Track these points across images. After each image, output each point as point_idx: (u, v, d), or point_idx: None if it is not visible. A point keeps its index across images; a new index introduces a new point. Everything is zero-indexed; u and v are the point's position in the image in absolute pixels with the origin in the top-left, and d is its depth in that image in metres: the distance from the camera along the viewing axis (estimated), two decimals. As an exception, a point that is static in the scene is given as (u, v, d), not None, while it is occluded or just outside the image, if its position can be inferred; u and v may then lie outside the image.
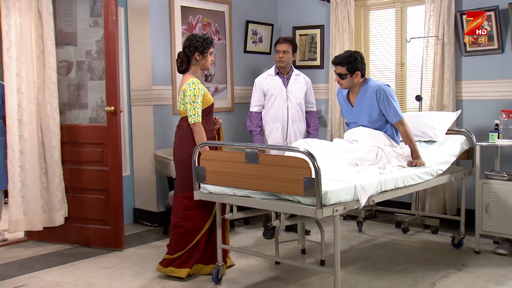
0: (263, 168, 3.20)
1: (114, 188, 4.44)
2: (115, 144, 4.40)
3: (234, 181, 3.35)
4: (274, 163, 3.17)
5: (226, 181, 3.40)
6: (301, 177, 3.00)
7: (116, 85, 4.36)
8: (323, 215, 2.96)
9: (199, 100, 3.73)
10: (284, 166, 3.10)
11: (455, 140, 4.44)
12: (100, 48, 4.52)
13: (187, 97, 3.72)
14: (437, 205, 5.09)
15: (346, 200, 3.15)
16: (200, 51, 3.83)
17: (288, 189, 3.09)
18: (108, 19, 4.29)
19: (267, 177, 3.17)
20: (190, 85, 3.74)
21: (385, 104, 4.02)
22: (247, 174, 3.28)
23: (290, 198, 3.12)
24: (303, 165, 3.00)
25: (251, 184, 3.27)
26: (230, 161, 3.39)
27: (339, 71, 4.05)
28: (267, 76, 4.94)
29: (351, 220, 5.36)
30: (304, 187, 2.99)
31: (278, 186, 3.13)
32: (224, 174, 3.40)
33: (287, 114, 4.88)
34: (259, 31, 6.07)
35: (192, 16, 5.38)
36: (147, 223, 5.30)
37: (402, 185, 3.62)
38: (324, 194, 2.98)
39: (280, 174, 3.11)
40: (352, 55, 4.03)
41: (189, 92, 3.72)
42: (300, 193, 3.02)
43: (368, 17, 5.71)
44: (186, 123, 3.81)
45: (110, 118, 4.40)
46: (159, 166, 5.02)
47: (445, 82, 4.94)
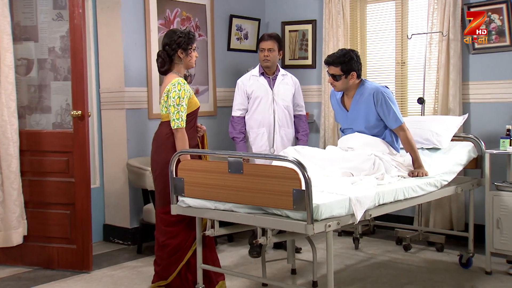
0: (248, 179, 3.18)
1: (81, 202, 4.40)
2: (82, 153, 4.37)
3: (216, 194, 3.33)
4: (259, 173, 3.15)
5: (207, 193, 3.38)
6: (290, 189, 2.98)
7: (84, 86, 4.33)
8: (314, 231, 2.95)
9: (184, 103, 3.71)
10: (271, 177, 3.08)
11: (462, 147, 4.44)
12: (65, 44, 4.49)
13: (171, 99, 3.70)
14: (442, 219, 5.10)
15: (340, 215, 3.14)
16: (183, 47, 3.82)
17: (275, 203, 3.07)
18: (74, 12, 4.26)
19: (252, 189, 3.16)
20: (175, 85, 3.71)
21: (384, 108, 4.03)
22: (230, 185, 3.26)
23: (278, 212, 3.10)
24: (292, 176, 2.98)
25: (234, 197, 3.25)
26: (211, 171, 3.37)
27: (332, 72, 4.05)
28: (251, 76, 4.94)
29: (347, 236, 5.35)
30: (293, 200, 2.97)
31: (265, 199, 3.11)
32: (205, 186, 3.38)
33: (274, 118, 4.88)
34: (244, 26, 6.08)
35: (169, 10, 5.37)
36: (119, 241, 5.26)
37: (402, 197, 3.62)
38: (315, 207, 2.97)
39: (267, 186, 3.09)
40: (347, 53, 4.03)
41: (173, 93, 3.69)
42: (288, 207, 3.00)
43: (365, 11, 5.73)
44: (166, 129, 3.78)
45: (77, 123, 4.36)
46: (133, 177, 4.99)
47: (450, 83, 4.97)
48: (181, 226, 3.78)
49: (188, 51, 3.84)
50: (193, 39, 3.86)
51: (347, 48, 4.69)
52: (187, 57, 3.86)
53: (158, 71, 3.91)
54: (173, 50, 3.82)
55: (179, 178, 3.50)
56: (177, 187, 3.52)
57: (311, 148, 4.04)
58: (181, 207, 3.54)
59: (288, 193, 2.99)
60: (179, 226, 3.78)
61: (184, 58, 3.84)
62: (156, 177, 3.85)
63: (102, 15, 5.17)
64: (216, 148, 5.66)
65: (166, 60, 3.84)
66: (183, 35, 3.81)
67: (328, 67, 4.08)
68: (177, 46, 3.80)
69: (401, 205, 3.65)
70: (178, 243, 3.77)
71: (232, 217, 3.30)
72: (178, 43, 3.80)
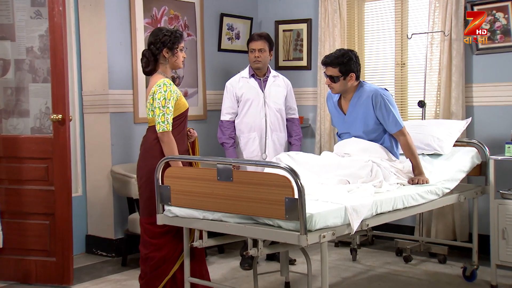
0: (238, 187, 3.17)
1: (62, 211, 4.38)
2: (63, 159, 4.35)
3: (204, 203, 3.32)
4: (250, 181, 3.14)
5: (195, 202, 3.36)
6: (282, 198, 2.97)
7: (64, 88, 4.31)
8: (308, 242, 2.93)
9: (170, 105, 3.69)
10: (262, 185, 3.07)
11: (465, 153, 4.44)
12: (45, 44, 4.48)
13: (156, 101, 3.68)
14: (444, 229, 5.10)
15: (335, 224, 3.13)
16: (168, 47, 3.80)
17: (267, 212, 3.06)
18: (54, 10, 4.24)
19: (243, 197, 3.15)
20: (160, 86, 3.69)
21: (383, 111, 4.02)
22: (219, 194, 3.25)
23: (269, 222, 3.09)
24: (285, 184, 2.97)
25: (223, 206, 3.24)
26: (199, 178, 3.36)
27: (330, 73, 4.05)
28: (240, 78, 4.94)
29: (344, 247, 5.34)
30: (285, 209, 2.96)
31: (255, 208, 3.10)
32: (192, 194, 3.37)
33: (265, 122, 4.88)
34: (235, 26, 6.07)
35: (156, 8, 5.36)
36: (102, 253, 5.24)
37: (401, 206, 3.61)
38: (309, 217, 2.96)
39: (258, 194, 3.08)
40: (346, 54, 4.03)
41: (159, 94, 3.67)
42: (281, 217, 2.99)
43: (363, 9, 5.74)
44: (154, 134, 3.76)
45: (57, 128, 4.34)
46: (117, 185, 4.97)
47: (453, 85, 4.97)
48: (167, 238, 3.75)
49: (175, 51, 3.82)
50: (180, 38, 3.84)
51: (345, 48, 4.68)
52: (173, 57, 3.83)
53: (143, 71, 3.89)
54: (158, 49, 3.80)
55: (165, 186, 3.49)
56: (163, 195, 3.50)
57: (306, 154, 4.04)
58: (167, 217, 3.52)
59: (280, 202, 2.98)
60: (165, 237, 3.75)
61: (169, 58, 3.82)
62: (141, 185, 3.83)
63: (85, 13, 5.16)
64: (207, 154, 5.63)
65: (150, 60, 3.82)
66: (169, 34, 3.80)
67: (325, 68, 4.07)
68: (162, 45, 3.78)
69: (400, 214, 3.64)
70: (163, 255, 3.74)
71: (221, 227, 3.29)
72: (163, 41, 3.78)
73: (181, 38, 3.85)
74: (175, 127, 3.77)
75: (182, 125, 3.85)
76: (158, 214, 3.55)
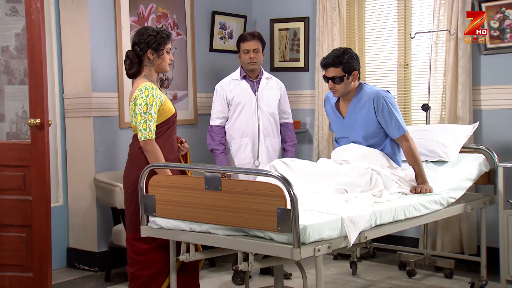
0: (227, 197, 3.16)
1: (40, 223, 4.30)
2: (41, 167, 4.28)
3: (191, 213, 3.31)
4: (240, 190, 3.13)
5: (181, 213, 3.35)
6: (273, 208, 2.96)
7: (43, 91, 4.24)
8: (301, 256, 2.92)
9: (152, 111, 3.67)
10: (252, 194, 3.06)
11: (472, 160, 4.43)
12: (21, 43, 4.45)
13: (138, 107, 3.66)
14: (451, 241, 5.08)
15: (331, 237, 3.11)
16: (153, 48, 3.77)
17: (257, 223, 3.04)
18: (31, 6, 4.18)
19: (232, 208, 3.14)
20: (141, 91, 3.67)
21: (385, 115, 4.01)
22: (207, 204, 3.23)
23: (260, 234, 3.08)
24: (276, 193, 2.96)
25: (212, 217, 3.23)
26: (186, 187, 3.35)
27: (332, 74, 4.03)
28: (231, 80, 4.93)
29: (344, 260, 5.31)
30: (277, 221, 2.94)
31: (246, 220, 3.09)
32: (179, 205, 3.36)
33: (258, 127, 4.87)
34: (228, 24, 6.06)
35: (143, 5, 5.35)
36: (84, 267, 5.20)
37: (403, 217, 3.59)
38: (302, 229, 2.94)
39: (248, 205, 3.07)
40: (346, 52, 4.05)
41: (140, 100, 3.65)
42: (272, 228, 2.98)
43: (364, 7, 5.74)
44: (139, 142, 3.74)
45: (35, 133, 4.27)
46: (101, 194, 4.94)
47: (459, 87, 4.96)
48: (156, 255, 3.71)
49: (160, 53, 3.79)
50: (166, 39, 3.81)
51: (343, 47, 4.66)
52: (159, 60, 3.81)
53: (126, 74, 3.87)
54: (142, 51, 3.78)
55: (149, 195, 3.48)
56: (147, 205, 3.49)
57: (301, 161, 4.02)
58: (151, 229, 3.50)
59: (271, 212, 2.97)
60: (154, 254, 3.71)
61: (155, 60, 3.80)
62: (127, 198, 3.81)
63: (66, 10, 5.13)
64: (197, 162, 5.59)
65: (134, 62, 3.79)
66: (155, 34, 3.77)
67: (325, 70, 4.06)
68: (147, 45, 3.76)
69: (402, 226, 3.63)
70: (151, 273, 3.69)
71: (209, 239, 3.28)
72: (148, 42, 3.75)
73: (167, 38, 3.82)
74: (161, 134, 3.74)
75: (169, 132, 3.82)
76: (142, 226, 3.53)
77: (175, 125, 3.88)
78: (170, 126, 3.82)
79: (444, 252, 4.99)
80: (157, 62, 3.80)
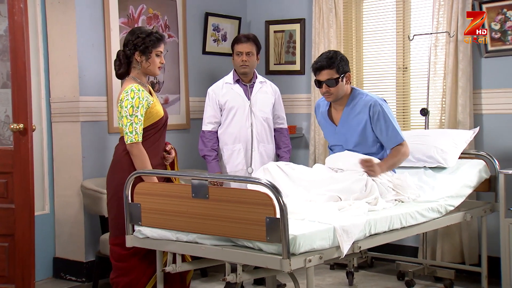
0: (214, 205, 3.13)
1: (23, 232, 4.25)
2: (24, 174, 4.24)
3: (178, 223, 3.28)
4: (227, 198, 3.10)
5: (168, 222, 3.33)
6: (262, 217, 2.93)
7: (26, 94, 4.21)
8: (291, 268, 2.88)
9: (139, 114, 3.64)
10: (240, 203, 3.03)
11: (471, 166, 4.39)
12: (4, 45, 4.41)
13: (123, 109, 3.65)
14: (451, 250, 5.03)
15: (323, 247, 3.07)
16: (141, 50, 3.75)
17: (246, 233, 3.02)
18: (14, 7, 4.14)
19: (220, 217, 3.11)
20: (127, 93, 3.65)
21: (381, 123, 4.00)
22: (194, 213, 3.21)
23: (249, 244, 3.05)
24: (265, 202, 2.92)
25: (199, 226, 3.20)
26: (173, 195, 3.32)
27: (327, 77, 3.99)
28: (224, 84, 4.89)
29: (340, 269, 5.26)
30: (266, 230, 2.91)
31: (234, 229, 3.06)
32: (165, 213, 3.33)
33: (251, 132, 4.83)
34: (222, 26, 6.03)
35: (133, 6, 5.31)
36: (71, 278, 5.15)
37: (399, 226, 3.56)
38: (292, 239, 2.91)
39: (236, 213, 3.04)
40: (336, 53, 4.03)
41: (126, 102, 3.64)
42: (261, 238, 2.95)
43: (361, 8, 5.71)
44: (124, 145, 3.74)
45: (18, 138, 4.23)
46: (88, 202, 4.89)
47: (459, 91, 4.92)
48: (134, 261, 3.70)
49: (148, 56, 3.77)
50: (156, 42, 3.78)
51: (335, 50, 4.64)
52: (146, 63, 3.78)
53: (115, 74, 3.86)
54: (130, 52, 3.77)
55: (135, 203, 3.44)
56: (132, 214, 3.46)
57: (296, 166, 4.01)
58: (137, 239, 3.47)
59: (260, 222, 2.94)
60: (132, 260, 3.69)
61: (143, 62, 3.77)
62: (109, 201, 3.82)
63: (53, 11, 5.08)
64: (190, 168, 5.59)
65: (123, 62, 3.79)
66: (144, 36, 3.75)
67: (318, 73, 4.02)
68: (134, 47, 3.75)
69: (398, 235, 3.59)
70: (129, 281, 3.68)
71: (196, 250, 3.25)
72: (136, 44, 3.75)
73: (157, 41, 3.79)
74: (147, 137, 3.72)
75: (157, 136, 3.80)
76: (128, 235, 3.50)
77: (164, 129, 3.86)
78: (158, 131, 3.80)
79: (444, 261, 4.94)
80: (145, 65, 3.78)
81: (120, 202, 3.60)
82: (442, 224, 4.00)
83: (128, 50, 3.75)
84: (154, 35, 3.78)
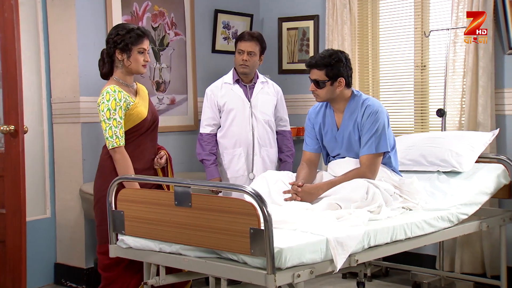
0: (197, 214, 2.95)
1: (14, 238, 4.14)
2: (15, 177, 4.13)
3: (161, 232, 3.11)
4: (210, 207, 2.91)
5: (150, 231, 3.16)
6: (246, 228, 2.73)
7: (18, 95, 4.10)
8: (276, 284, 2.67)
9: (117, 116, 3.51)
10: (224, 212, 2.85)
11: (489, 171, 4.14)
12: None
13: (101, 113, 3.55)
14: (472, 260, 4.78)
15: (314, 261, 2.84)
16: (120, 48, 3.59)
17: (230, 245, 2.83)
18: (4, 3, 4.04)
19: (203, 226, 2.93)
20: (103, 96, 3.56)
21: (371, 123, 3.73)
22: (177, 222, 3.04)
23: (233, 257, 2.86)
24: (249, 211, 2.73)
25: (182, 237, 3.03)
26: (155, 203, 3.15)
27: (315, 77, 3.77)
28: (223, 84, 4.73)
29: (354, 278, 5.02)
30: (250, 242, 2.72)
31: (217, 240, 2.88)
32: (149, 222, 3.17)
33: (253, 136, 4.67)
34: (233, 23, 5.87)
35: (137, 3, 5.15)
36: (72, 284, 5.02)
37: (403, 236, 3.31)
38: (277, 252, 2.69)
39: (219, 223, 2.86)
40: (334, 54, 3.76)
41: (102, 106, 3.54)
42: (245, 251, 2.76)
43: (378, 3, 5.49)
44: (106, 148, 3.64)
45: (9, 141, 4.13)
46: (86, 206, 4.75)
47: (479, 90, 4.70)
48: (118, 271, 3.59)
49: (129, 54, 3.60)
50: (137, 39, 3.62)
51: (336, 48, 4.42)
52: (127, 61, 3.62)
53: (100, 74, 3.75)
54: (111, 49, 3.63)
55: (118, 211, 3.29)
56: (116, 222, 3.31)
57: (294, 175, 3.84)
58: (120, 248, 3.31)
59: (244, 233, 2.75)
60: (115, 270, 3.59)
61: (124, 60, 3.62)
62: (94, 207, 3.73)
63: (53, 9, 4.96)
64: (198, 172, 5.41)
65: (106, 61, 3.67)
66: (124, 32, 3.62)
67: (310, 70, 3.79)
68: (114, 45, 3.60)
69: (401, 247, 3.34)
70: None
71: (179, 262, 3.08)
72: (115, 41, 3.61)
73: (138, 38, 3.62)
74: (130, 141, 3.59)
75: (141, 140, 3.66)
76: (111, 245, 3.35)
77: (152, 132, 3.71)
78: (142, 133, 3.66)
79: (464, 272, 4.70)
80: (126, 63, 3.65)
81: (103, 207, 3.49)
82: (453, 235, 3.76)
83: (109, 48, 3.61)
84: (135, 31, 3.62)
